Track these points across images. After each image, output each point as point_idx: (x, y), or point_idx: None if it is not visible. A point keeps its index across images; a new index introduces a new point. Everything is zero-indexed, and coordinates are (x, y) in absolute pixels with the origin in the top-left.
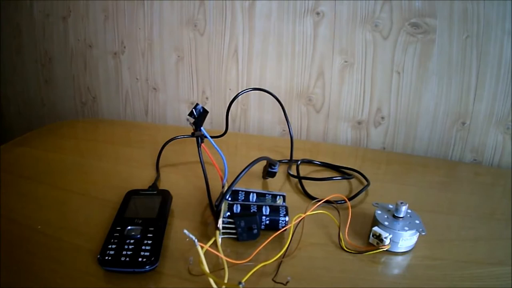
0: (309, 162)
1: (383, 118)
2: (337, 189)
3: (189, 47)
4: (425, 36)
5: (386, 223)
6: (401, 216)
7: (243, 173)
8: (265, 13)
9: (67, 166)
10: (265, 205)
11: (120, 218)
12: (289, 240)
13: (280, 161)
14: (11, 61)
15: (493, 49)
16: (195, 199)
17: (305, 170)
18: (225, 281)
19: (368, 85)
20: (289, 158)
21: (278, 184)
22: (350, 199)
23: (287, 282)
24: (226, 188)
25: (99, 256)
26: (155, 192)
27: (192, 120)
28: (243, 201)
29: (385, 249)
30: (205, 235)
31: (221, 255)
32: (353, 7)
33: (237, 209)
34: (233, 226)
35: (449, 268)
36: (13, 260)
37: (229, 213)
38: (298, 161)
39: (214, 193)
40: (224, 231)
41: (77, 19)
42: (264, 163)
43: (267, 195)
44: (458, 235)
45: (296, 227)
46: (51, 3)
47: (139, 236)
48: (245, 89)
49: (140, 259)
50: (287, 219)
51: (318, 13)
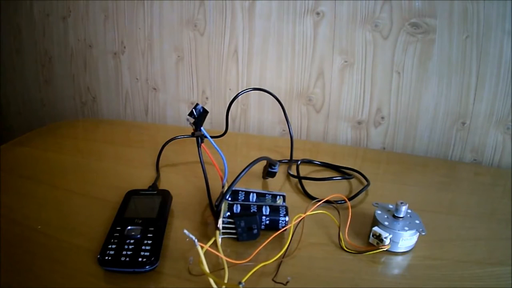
0: (309, 162)
1: (383, 118)
2: (337, 189)
3: (189, 47)
4: (425, 36)
5: (386, 223)
6: (401, 216)
7: (243, 173)
8: (265, 13)
9: (67, 166)
10: (265, 205)
11: (120, 218)
12: (289, 240)
13: (280, 161)
14: (11, 61)
15: (493, 49)
16: (195, 199)
17: (305, 170)
18: (225, 281)
19: (368, 85)
20: (289, 158)
21: (278, 184)
22: (350, 199)
23: (287, 282)
24: (226, 188)
25: (99, 256)
26: (155, 192)
27: (192, 120)
28: (243, 201)
29: (385, 249)
30: (205, 235)
31: (221, 255)
32: (353, 7)
33: (237, 209)
34: (233, 226)
35: (449, 268)
36: (13, 260)
37: (229, 213)
38: (298, 161)
39: (214, 193)
40: (224, 231)
41: (77, 19)
42: (264, 163)
43: (267, 195)
44: (458, 235)
45: (296, 227)
46: (51, 3)
47: (139, 236)
48: (245, 89)
49: (140, 259)
50: (287, 219)
51: (318, 13)
